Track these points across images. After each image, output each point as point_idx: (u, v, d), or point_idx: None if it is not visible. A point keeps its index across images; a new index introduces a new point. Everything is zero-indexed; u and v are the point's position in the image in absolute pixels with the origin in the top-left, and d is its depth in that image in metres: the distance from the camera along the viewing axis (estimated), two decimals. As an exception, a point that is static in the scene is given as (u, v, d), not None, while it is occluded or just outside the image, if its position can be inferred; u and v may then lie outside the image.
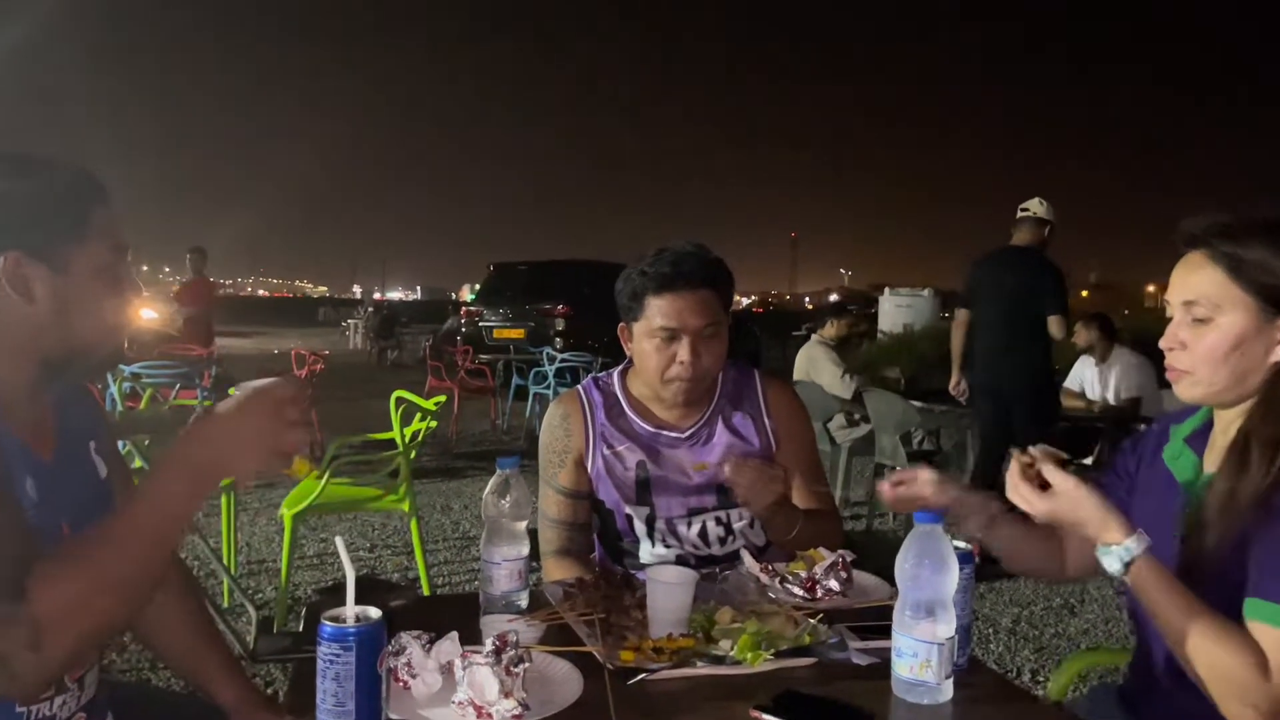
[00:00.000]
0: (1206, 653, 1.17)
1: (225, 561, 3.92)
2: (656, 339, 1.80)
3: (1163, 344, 1.34)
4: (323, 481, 3.46)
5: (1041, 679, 3.37)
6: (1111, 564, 1.23)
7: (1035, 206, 5.08)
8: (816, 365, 6.29)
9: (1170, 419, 1.47)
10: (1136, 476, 1.49)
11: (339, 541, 1.10)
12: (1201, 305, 1.29)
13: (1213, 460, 1.35)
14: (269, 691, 2.95)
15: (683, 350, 1.79)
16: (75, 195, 1.18)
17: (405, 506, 3.66)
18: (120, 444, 3.59)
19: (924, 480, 1.48)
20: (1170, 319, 1.33)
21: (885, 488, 1.50)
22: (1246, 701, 1.14)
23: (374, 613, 1.04)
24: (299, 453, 1.11)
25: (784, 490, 1.73)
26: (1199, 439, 1.39)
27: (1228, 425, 1.33)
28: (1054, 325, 4.99)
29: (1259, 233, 1.27)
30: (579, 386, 2.00)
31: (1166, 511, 1.36)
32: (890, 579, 1.36)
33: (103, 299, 1.20)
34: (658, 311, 1.80)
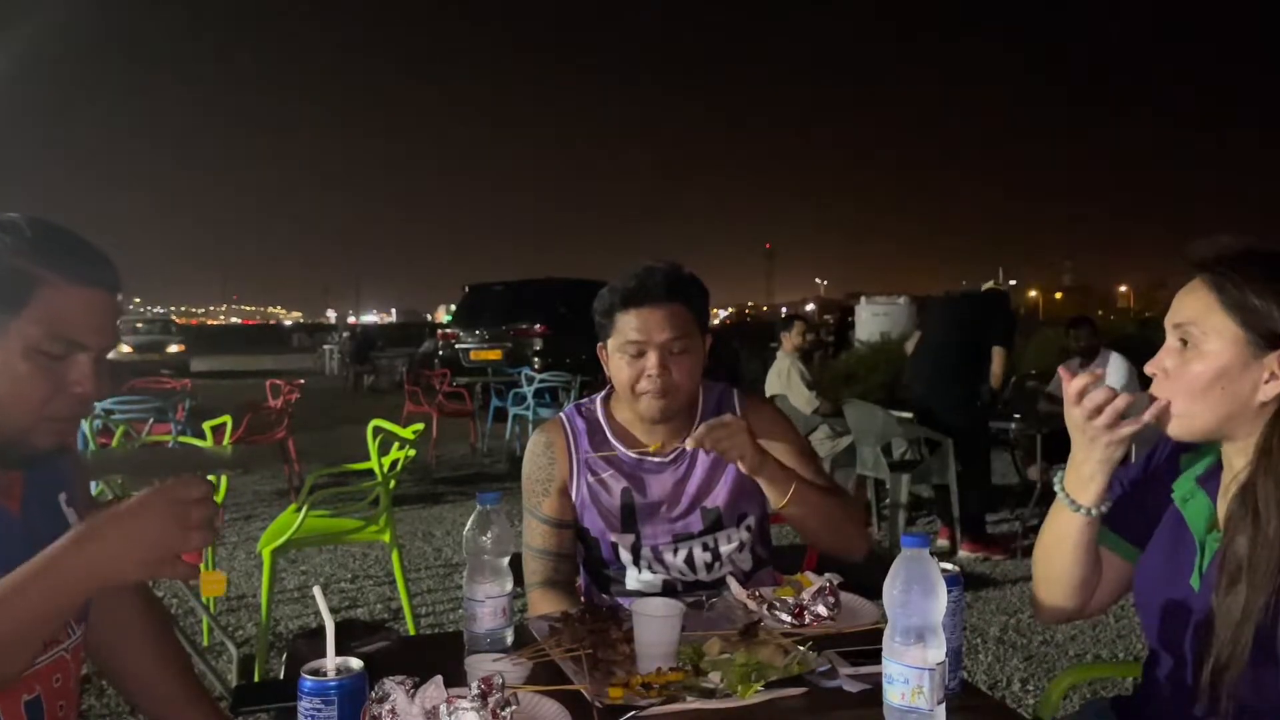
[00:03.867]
0: None
1: (204, 599, 3.85)
2: (626, 354, 1.82)
3: (1148, 369, 1.29)
4: (301, 514, 3.41)
5: (1031, 688, 3.37)
6: (1061, 498, 1.34)
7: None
8: (788, 380, 6.32)
9: (1177, 444, 1.37)
10: (1141, 490, 1.42)
11: (317, 591, 1.08)
12: (1188, 329, 1.24)
13: (1225, 506, 1.27)
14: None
15: (650, 363, 1.79)
16: (22, 270, 1.11)
17: (386, 538, 3.61)
18: (93, 484, 3.54)
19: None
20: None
21: None
22: None
23: (355, 663, 1.02)
24: (200, 557, 1.05)
25: (749, 431, 1.67)
26: (1211, 480, 1.32)
27: (1236, 469, 1.27)
28: (996, 357, 5.22)
29: (1261, 262, 1.21)
30: (561, 414, 1.99)
31: (1183, 559, 1.30)
32: (878, 594, 1.34)
33: (26, 381, 1.11)
34: (626, 326, 1.82)
